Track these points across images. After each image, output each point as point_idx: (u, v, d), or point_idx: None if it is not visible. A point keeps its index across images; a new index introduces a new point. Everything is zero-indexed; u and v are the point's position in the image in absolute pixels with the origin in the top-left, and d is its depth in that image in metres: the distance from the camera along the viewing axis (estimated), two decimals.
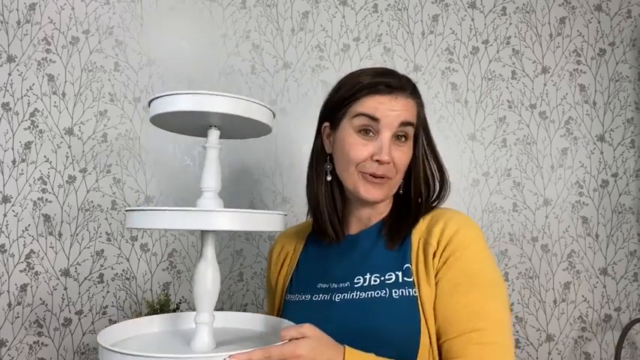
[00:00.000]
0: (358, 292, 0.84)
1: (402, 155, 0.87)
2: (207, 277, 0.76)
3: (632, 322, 1.52)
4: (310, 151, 0.98)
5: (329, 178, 0.93)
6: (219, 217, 0.69)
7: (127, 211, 0.73)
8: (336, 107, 0.90)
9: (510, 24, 1.71)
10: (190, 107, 0.71)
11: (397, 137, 0.86)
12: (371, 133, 0.86)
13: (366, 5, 1.67)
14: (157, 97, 0.74)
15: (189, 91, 0.72)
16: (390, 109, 0.85)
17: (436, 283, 0.81)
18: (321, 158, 0.95)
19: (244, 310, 1.55)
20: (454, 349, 0.76)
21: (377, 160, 0.85)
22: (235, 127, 0.81)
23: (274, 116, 0.82)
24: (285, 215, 0.80)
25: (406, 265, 0.84)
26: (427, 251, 0.84)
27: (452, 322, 0.78)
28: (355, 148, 0.86)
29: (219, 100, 0.71)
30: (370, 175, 0.86)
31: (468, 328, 0.76)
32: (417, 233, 0.87)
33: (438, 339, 0.80)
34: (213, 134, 0.80)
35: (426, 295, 0.81)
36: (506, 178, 1.66)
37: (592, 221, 1.67)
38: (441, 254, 0.82)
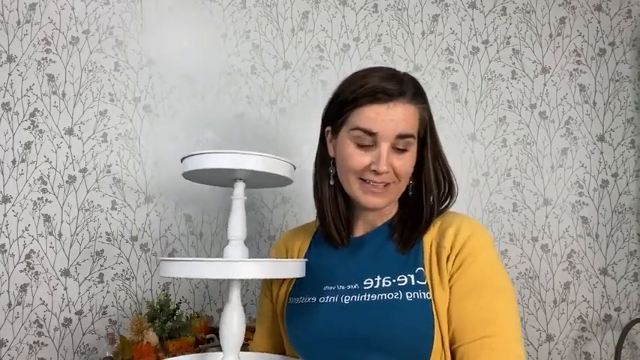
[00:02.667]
0: (369, 295, 0.83)
1: (403, 163, 0.85)
2: (234, 322, 0.81)
3: (632, 322, 1.52)
4: (315, 153, 0.98)
5: (332, 183, 0.92)
6: (247, 266, 0.75)
7: (161, 260, 0.79)
8: (336, 114, 0.89)
9: (510, 24, 1.71)
10: (223, 165, 0.78)
11: (397, 147, 0.85)
12: (369, 143, 0.85)
13: (366, 5, 1.67)
14: (191, 156, 0.81)
15: (221, 151, 0.79)
16: (388, 120, 0.82)
17: (450, 288, 0.81)
18: (325, 162, 0.94)
19: (244, 310, 1.55)
20: (467, 355, 0.77)
21: (374, 170, 0.84)
22: (259, 180, 0.88)
23: (295, 169, 0.88)
24: (306, 261, 0.87)
25: (419, 269, 0.84)
26: (440, 254, 0.83)
27: (465, 328, 0.78)
28: (353, 158, 0.85)
29: (249, 158, 0.79)
30: (370, 182, 0.85)
31: (481, 334, 0.77)
32: (429, 236, 0.87)
33: (451, 344, 0.80)
34: (240, 187, 0.86)
35: (439, 299, 0.80)
36: (506, 178, 1.66)
37: (592, 221, 1.67)
38: (455, 259, 0.82)
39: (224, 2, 1.61)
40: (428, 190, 0.88)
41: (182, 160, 0.84)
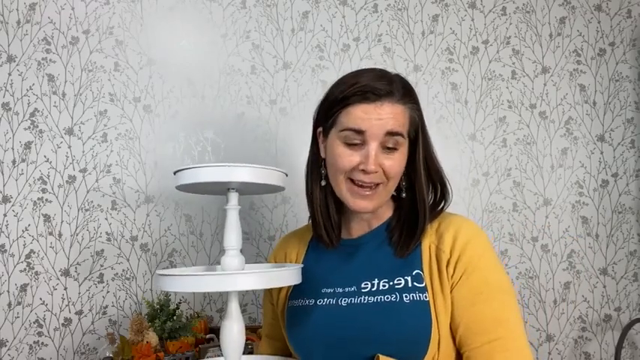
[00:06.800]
0: (366, 297, 0.84)
1: (393, 163, 0.85)
2: (234, 331, 0.82)
3: (632, 322, 1.52)
4: (308, 153, 0.98)
5: (323, 183, 0.92)
6: (245, 278, 0.75)
7: (159, 275, 0.79)
8: (327, 114, 0.89)
9: (510, 24, 1.71)
10: (213, 179, 0.79)
11: (386, 146, 0.84)
12: (358, 143, 0.84)
13: (366, 5, 1.67)
14: (182, 170, 0.82)
15: (212, 164, 0.80)
16: (376, 118, 0.82)
17: (454, 293, 0.81)
18: (317, 162, 0.94)
19: (244, 310, 1.55)
20: (480, 359, 0.78)
21: (363, 170, 0.83)
22: (252, 188, 0.89)
23: (287, 176, 0.90)
24: (302, 267, 0.88)
25: (416, 271, 0.84)
26: (440, 258, 0.84)
27: (475, 332, 0.79)
28: (342, 158, 0.85)
29: (240, 170, 0.79)
30: (358, 182, 0.85)
31: (491, 336, 0.78)
32: (427, 239, 0.87)
33: (459, 348, 0.81)
34: (233, 197, 0.87)
35: (439, 302, 0.81)
36: (506, 178, 1.66)
37: (592, 221, 1.67)
38: (456, 264, 0.82)
39: (224, 2, 1.61)
40: (420, 192, 0.88)
41: (175, 174, 0.84)
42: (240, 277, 0.75)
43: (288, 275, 0.80)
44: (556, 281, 1.65)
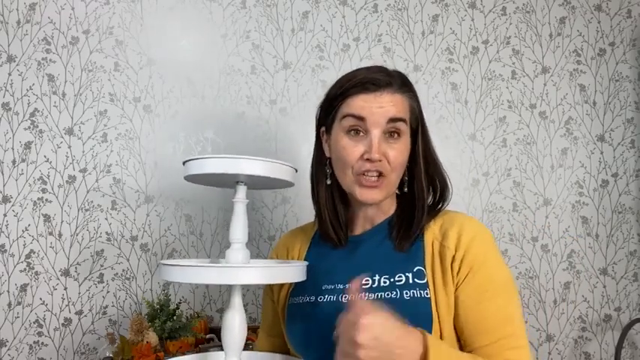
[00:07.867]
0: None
1: (396, 153, 0.85)
2: (235, 324, 0.82)
3: (632, 322, 1.53)
4: (312, 154, 0.98)
5: (328, 182, 0.92)
6: (249, 272, 0.75)
7: (161, 264, 0.78)
8: (327, 111, 0.90)
9: (510, 24, 1.71)
10: (224, 170, 0.79)
11: (389, 134, 0.85)
12: (360, 133, 0.85)
13: (366, 5, 1.67)
14: (192, 160, 0.81)
15: (221, 155, 0.79)
16: (377, 107, 0.83)
17: (459, 291, 0.81)
18: (321, 162, 0.94)
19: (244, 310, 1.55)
20: (489, 356, 0.78)
21: (368, 159, 0.84)
22: (261, 182, 0.88)
23: (296, 171, 0.88)
24: (307, 264, 0.87)
25: (418, 268, 0.84)
26: (444, 255, 0.83)
27: (483, 330, 0.79)
28: (347, 150, 0.86)
29: (249, 163, 0.79)
30: (364, 173, 0.85)
31: (499, 335, 0.78)
32: (430, 235, 0.87)
33: (464, 347, 0.81)
34: (241, 190, 0.86)
35: (441, 298, 0.81)
36: (506, 178, 1.66)
37: (592, 221, 1.67)
38: (461, 262, 0.82)
39: (224, 2, 1.61)
40: (418, 184, 0.89)
41: (184, 164, 0.84)
42: (244, 270, 0.74)
43: (292, 272, 0.80)
44: (556, 281, 1.65)
